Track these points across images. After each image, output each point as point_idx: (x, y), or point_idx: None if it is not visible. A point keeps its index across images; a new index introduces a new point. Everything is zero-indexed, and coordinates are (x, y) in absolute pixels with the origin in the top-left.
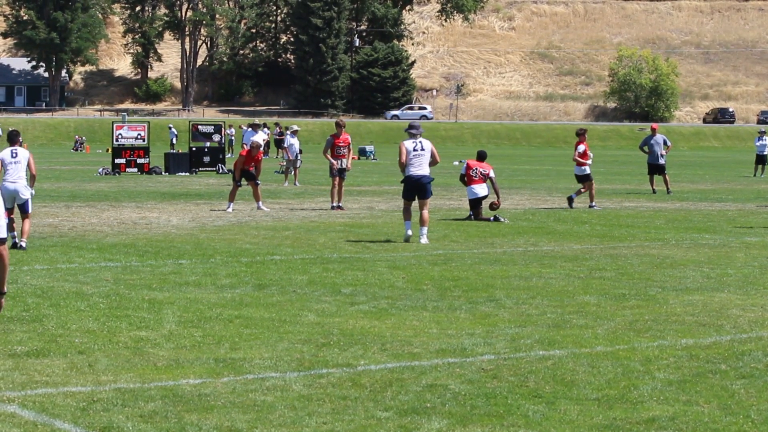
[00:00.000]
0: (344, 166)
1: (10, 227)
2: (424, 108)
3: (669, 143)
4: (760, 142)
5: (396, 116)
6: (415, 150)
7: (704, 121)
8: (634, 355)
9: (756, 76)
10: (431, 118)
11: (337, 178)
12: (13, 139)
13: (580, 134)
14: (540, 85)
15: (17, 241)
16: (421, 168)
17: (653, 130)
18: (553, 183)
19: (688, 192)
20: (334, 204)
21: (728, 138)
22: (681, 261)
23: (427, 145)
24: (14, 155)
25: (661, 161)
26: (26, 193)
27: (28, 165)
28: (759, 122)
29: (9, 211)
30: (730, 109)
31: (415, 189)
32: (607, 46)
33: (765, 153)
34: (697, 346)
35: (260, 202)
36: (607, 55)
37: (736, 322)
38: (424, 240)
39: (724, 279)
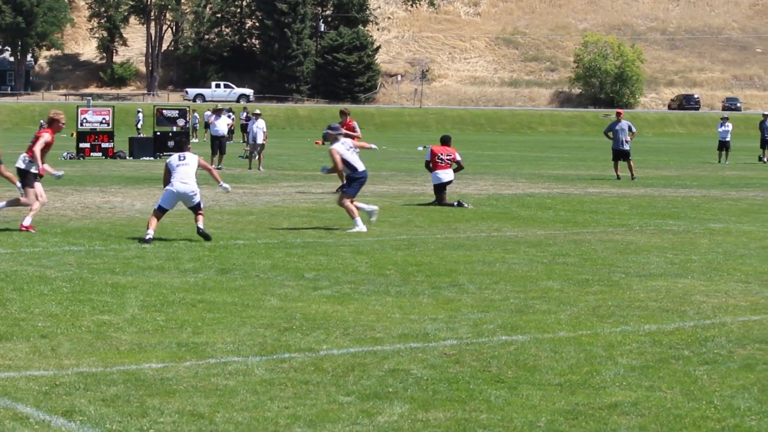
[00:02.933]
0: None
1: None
2: None
3: (634, 129)
4: (723, 128)
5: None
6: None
7: (669, 107)
8: (596, 341)
9: (721, 62)
10: None
11: None
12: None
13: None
14: (505, 70)
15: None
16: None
17: (618, 116)
18: (518, 169)
19: (653, 178)
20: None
21: (693, 124)
22: (645, 247)
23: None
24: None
25: (626, 147)
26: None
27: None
28: (724, 109)
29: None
30: (696, 96)
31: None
32: (573, 32)
33: (728, 139)
34: (660, 331)
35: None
36: (572, 41)
37: (700, 308)
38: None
39: (688, 265)
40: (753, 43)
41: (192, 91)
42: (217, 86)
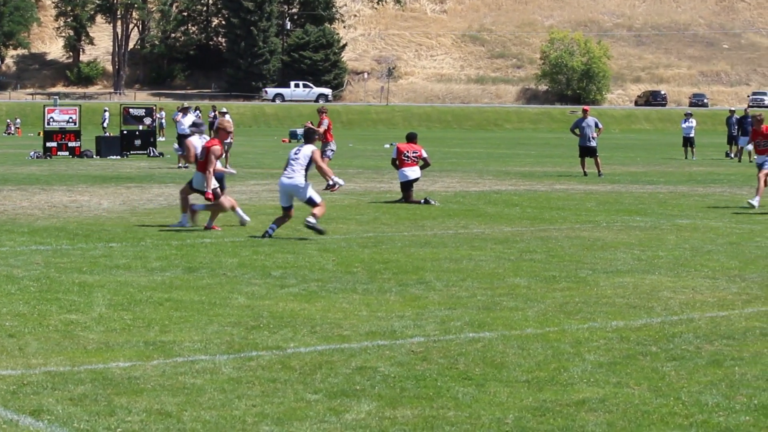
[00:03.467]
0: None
1: None
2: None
3: (600, 126)
4: (687, 123)
5: None
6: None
7: (636, 103)
8: (564, 337)
9: (688, 58)
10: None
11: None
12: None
13: None
14: (471, 68)
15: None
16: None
17: (584, 113)
18: (484, 166)
19: (620, 174)
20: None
21: (660, 121)
22: (612, 243)
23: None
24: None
25: (593, 144)
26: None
27: None
28: (691, 105)
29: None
30: (662, 92)
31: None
32: (539, 28)
33: (691, 135)
34: (628, 328)
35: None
36: (538, 37)
37: (667, 304)
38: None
39: (655, 261)
40: (719, 39)
41: (271, 91)
42: (296, 86)
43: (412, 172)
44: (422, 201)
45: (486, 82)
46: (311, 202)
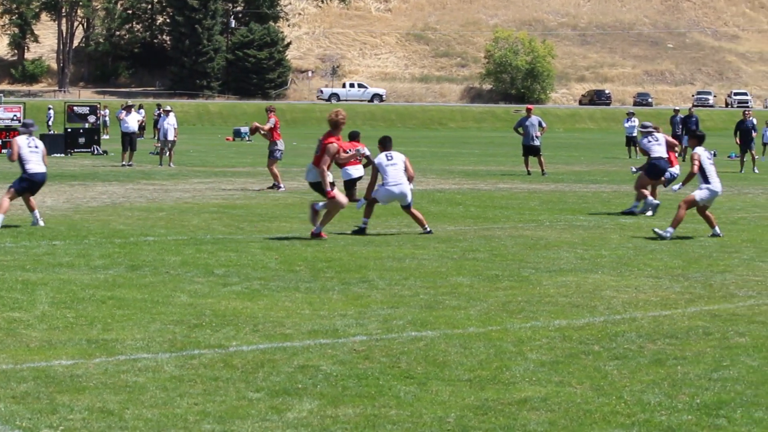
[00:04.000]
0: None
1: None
2: None
3: (544, 125)
4: (629, 123)
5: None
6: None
7: (580, 103)
8: (506, 336)
9: (632, 58)
10: None
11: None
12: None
13: None
14: (416, 66)
15: None
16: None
17: (528, 112)
18: (428, 164)
19: (563, 173)
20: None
21: (604, 120)
22: (555, 242)
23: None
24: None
25: (536, 143)
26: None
27: None
28: (635, 104)
29: None
30: (606, 91)
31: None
32: (484, 27)
33: (634, 134)
34: (570, 327)
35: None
36: (483, 36)
37: (610, 303)
38: None
39: (598, 260)
40: (664, 39)
41: (327, 91)
42: (351, 86)
43: (356, 170)
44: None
45: (430, 81)
46: (409, 207)
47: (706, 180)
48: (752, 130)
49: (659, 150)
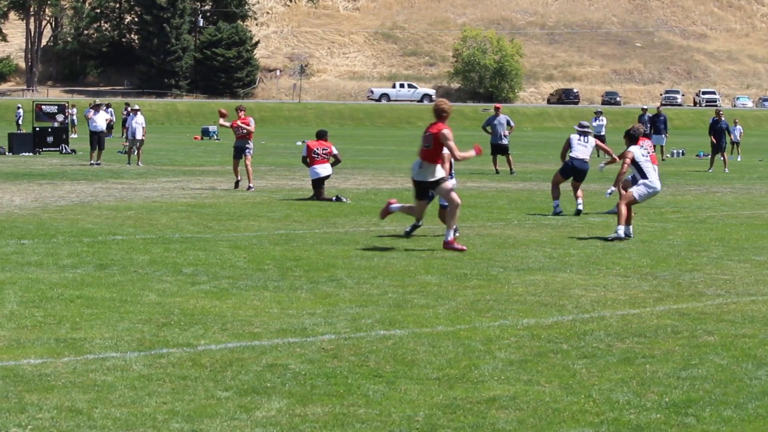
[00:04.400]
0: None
1: None
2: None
3: (512, 124)
4: (597, 122)
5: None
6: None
7: (548, 101)
8: (475, 335)
9: (601, 57)
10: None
11: (246, 158)
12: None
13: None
14: (384, 65)
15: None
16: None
17: (497, 111)
18: (396, 163)
19: (532, 172)
20: (240, 179)
21: (572, 119)
22: (523, 241)
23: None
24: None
25: (504, 141)
26: None
27: None
28: (603, 103)
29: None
30: (575, 90)
31: None
32: (452, 26)
33: (602, 133)
34: (539, 325)
35: None
36: (451, 35)
37: (578, 302)
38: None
39: (567, 259)
40: (632, 38)
41: (377, 91)
42: (401, 86)
43: (324, 169)
44: (334, 198)
45: (398, 80)
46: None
47: (643, 176)
48: (726, 130)
49: (581, 152)
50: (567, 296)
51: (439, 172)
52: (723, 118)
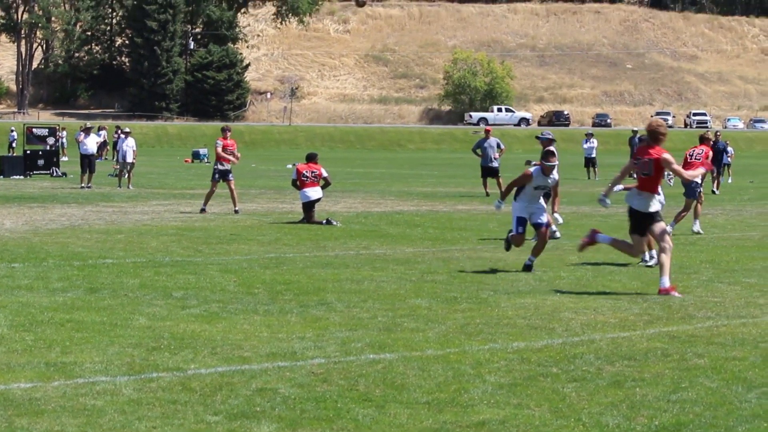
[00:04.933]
0: (228, 168)
1: None
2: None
3: (502, 146)
4: (588, 144)
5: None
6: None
7: (539, 123)
8: (465, 359)
9: (591, 78)
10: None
11: (229, 182)
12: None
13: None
14: (374, 88)
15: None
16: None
17: (487, 133)
18: (387, 186)
19: None
20: (205, 207)
21: (563, 141)
22: (513, 264)
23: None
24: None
25: (495, 164)
26: None
27: None
28: (594, 125)
29: None
30: (565, 112)
31: None
32: (442, 49)
33: (593, 155)
34: (529, 349)
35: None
36: (441, 57)
37: (568, 325)
38: None
39: (557, 282)
40: (623, 59)
41: (476, 115)
42: (499, 110)
43: (314, 192)
44: (324, 221)
45: (389, 103)
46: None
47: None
48: (724, 152)
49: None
50: (557, 319)
51: (656, 203)
52: (720, 139)
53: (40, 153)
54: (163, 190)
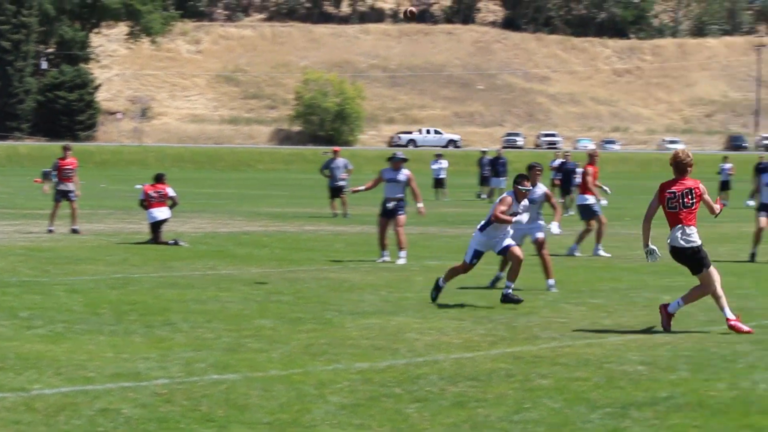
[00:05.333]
0: (69, 188)
1: None
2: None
3: (350, 167)
4: (436, 165)
5: None
6: None
7: (389, 144)
8: (308, 379)
9: (443, 99)
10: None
11: (71, 202)
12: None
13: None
14: (225, 108)
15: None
16: None
17: (335, 154)
18: (236, 206)
19: (370, 215)
20: (52, 228)
21: (413, 162)
22: (359, 284)
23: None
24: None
25: (342, 184)
26: None
27: None
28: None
29: None
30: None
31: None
32: (294, 69)
33: (441, 176)
34: (372, 369)
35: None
36: (293, 78)
37: (413, 345)
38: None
39: (402, 303)
40: (474, 80)
41: (404, 137)
42: (428, 131)
43: (161, 212)
44: (171, 242)
45: (239, 123)
46: None
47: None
48: (573, 172)
49: (394, 191)
50: (401, 340)
51: (697, 235)
52: (570, 160)
53: None
54: (12, 210)
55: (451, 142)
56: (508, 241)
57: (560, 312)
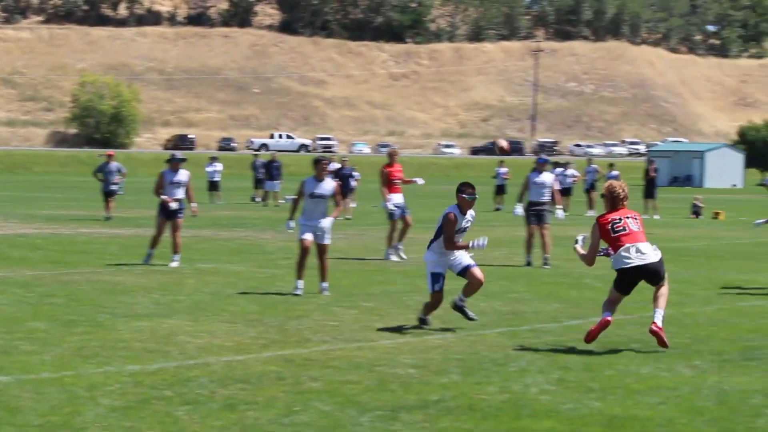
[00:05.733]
0: None
1: None
2: None
3: (123, 170)
4: (210, 168)
5: None
6: None
7: (165, 147)
8: (79, 381)
9: (218, 102)
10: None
11: None
12: None
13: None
14: (2, 110)
15: None
16: None
17: (109, 157)
18: (11, 209)
19: (145, 218)
20: None
21: (190, 164)
22: (132, 287)
23: None
24: None
25: (114, 187)
26: None
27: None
28: (220, 149)
29: None
30: (190, 136)
31: None
32: (71, 72)
33: (216, 179)
34: (143, 372)
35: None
36: (70, 80)
37: (184, 348)
38: None
39: (174, 305)
40: (251, 84)
41: (257, 141)
42: (280, 136)
43: None
44: None
45: (16, 126)
46: None
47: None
48: (350, 177)
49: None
50: (173, 343)
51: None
52: (347, 165)
53: None
54: None
55: (303, 147)
56: (468, 261)
57: (332, 315)
